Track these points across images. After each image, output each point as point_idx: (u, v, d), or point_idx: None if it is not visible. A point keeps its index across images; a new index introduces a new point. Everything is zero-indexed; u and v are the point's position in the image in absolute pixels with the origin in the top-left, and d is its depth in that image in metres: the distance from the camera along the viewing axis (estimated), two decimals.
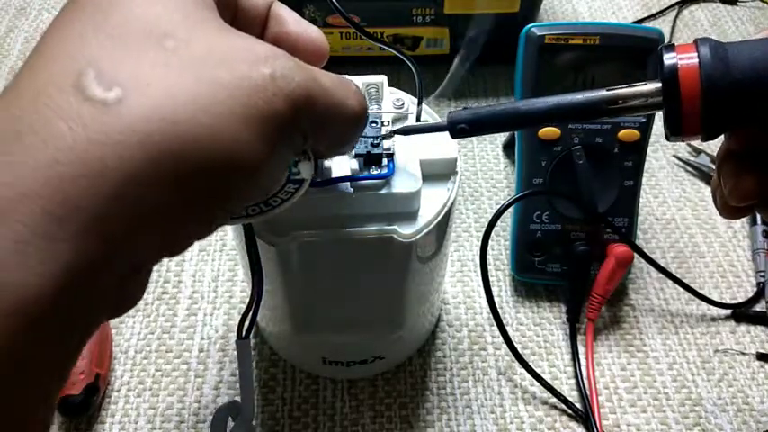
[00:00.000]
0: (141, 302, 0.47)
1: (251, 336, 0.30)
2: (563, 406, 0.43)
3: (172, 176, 0.18)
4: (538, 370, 0.44)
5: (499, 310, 0.45)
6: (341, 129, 0.24)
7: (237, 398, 0.31)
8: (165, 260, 0.50)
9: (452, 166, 0.35)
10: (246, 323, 0.30)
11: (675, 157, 0.58)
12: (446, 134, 0.36)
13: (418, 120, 0.38)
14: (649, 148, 0.46)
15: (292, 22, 0.26)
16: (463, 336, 0.47)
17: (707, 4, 0.71)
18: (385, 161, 0.33)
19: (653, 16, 0.70)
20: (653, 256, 0.48)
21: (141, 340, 0.46)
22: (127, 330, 0.46)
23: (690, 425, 0.43)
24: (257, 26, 0.26)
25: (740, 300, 0.49)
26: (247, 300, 0.48)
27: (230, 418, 0.32)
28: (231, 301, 0.48)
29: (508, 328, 0.45)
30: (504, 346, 0.45)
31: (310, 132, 0.22)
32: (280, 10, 0.27)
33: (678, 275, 0.48)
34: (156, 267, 0.49)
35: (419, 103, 0.38)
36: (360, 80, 0.35)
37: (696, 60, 0.24)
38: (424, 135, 0.36)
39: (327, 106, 0.22)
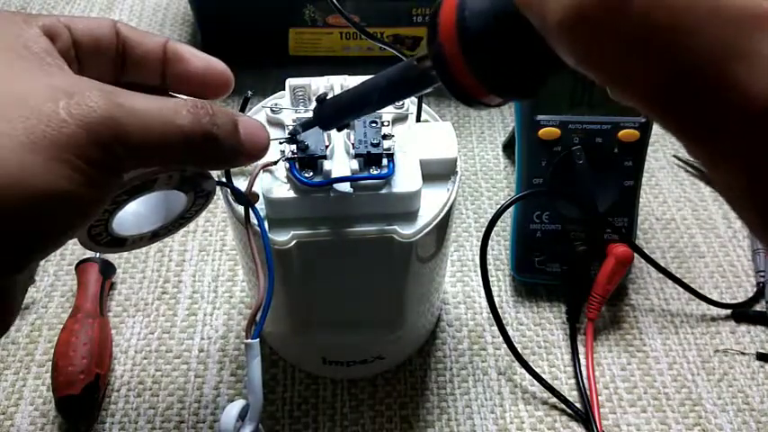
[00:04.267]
0: (141, 302, 0.48)
1: (257, 336, 0.30)
2: (563, 406, 0.43)
3: None
4: (538, 370, 0.44)
5: (499, 310, 0.45)
6: (173, 148, 0.24)
7: (239, 398, 0.31)
8: (165, 259, 0.50)
9: (452, 166, 0.35)
10: (256, 322, 0.30)
11: (675, 157, 0.58)
12: (446, 134, 0.36)
13: (418, 120, 0.38)
14: (649, 148, 0.46)
15: (194, 59, 0.29)
16: (463, 336, 0.47)
17: None
18: (385, 161, 0.33)
19: None
20: (653, 256, 0.48)
21: (141, 340, 0.46)
22: (127, 330, 0.46)
23: (690, 425, 0.43)
24: (155, 68, 0.28)
25: (740, 300, 0.49)
26: (247, 300, 0.48)
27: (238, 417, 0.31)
28: (231, 301, 0.48)
29: (508, 328, 0.45)
30: (504, 346, 0.45)
31: (133, 153, 0.23)
32: (179, 49, 0.29)
33: (678, 275, 0.48)
34: (155, 267, 0.50)
35: (419, 103, 0.38)
36: (359, 80, 0.35)
37: None
38: (419, 135, 0.36)
39: (142, 127, 0.23)
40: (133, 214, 0.29)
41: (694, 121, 0.17)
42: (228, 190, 0.33)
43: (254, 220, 0.32)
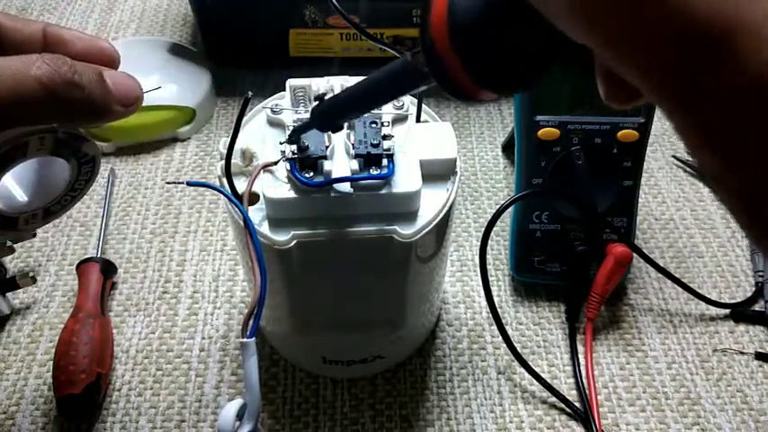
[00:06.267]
0: (142, 302, 0.48)
1: (253, 335, 0.30)
2: (562, 405, 0.44)
3: None
4: (537, 369, 0.44)
5: (499, 309, 0.45)
6: (34, 101, 0.24)
7: (239, 397, 0.31)
8: (167, 260, 0.50)
9: (452, 167, 0.36)
10: (251, 323, 0.30)
11: (674, 157, 0.58)
12: (446, 134, 0.36)
13: (418, 120, 0.38)
14: (648, 148, 0.46)
15: (76, 41, 0.28)
16: (463, 335, 0.47)
17: None
18: (385, 161, 0.33)
19: None
20: (652, 256, 0.48)
21: (142, 340, 0.46)
22: (128, 330, 0.47)
23: (688, 424, 0.43)
24: (35, 51, 0.27)
25: (739, 299, 0.49)
26: (248, 299, 0.48)
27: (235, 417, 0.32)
28: (232, 301, 0.48)
29: (507, 328, 0.46)
30: (504, 345, 0.45)
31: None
32: (61, 33, 0.28)
33: (677, 275, 0.48)
34: (156, 267, 0.50)
35: (419, 104, 0.38)
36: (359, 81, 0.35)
37: None
38: (419, 135, 0.36)
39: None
40: (17, 191, 0.29)
41: (687, 89, 0.17)
42: (228, 189, 0.33)
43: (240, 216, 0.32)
